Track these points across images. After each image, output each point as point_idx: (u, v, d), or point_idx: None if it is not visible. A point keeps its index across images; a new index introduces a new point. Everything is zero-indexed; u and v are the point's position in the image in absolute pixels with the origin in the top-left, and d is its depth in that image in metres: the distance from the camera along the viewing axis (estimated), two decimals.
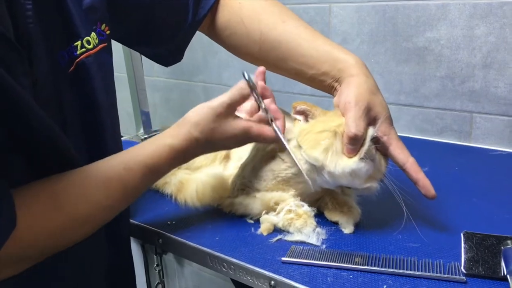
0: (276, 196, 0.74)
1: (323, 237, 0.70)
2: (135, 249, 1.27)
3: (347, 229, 0.71)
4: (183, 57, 0.88)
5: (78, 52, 0.64)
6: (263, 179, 0.75)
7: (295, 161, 0.69)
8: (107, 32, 0.69)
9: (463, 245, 0.61)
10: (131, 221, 0.79)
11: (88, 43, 0.65)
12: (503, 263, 0.58)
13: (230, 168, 0.86)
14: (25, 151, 0.55)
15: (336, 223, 0.73)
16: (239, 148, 0.79)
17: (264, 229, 0.72)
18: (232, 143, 0.69)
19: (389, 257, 0.63)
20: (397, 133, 0.70)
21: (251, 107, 0.70)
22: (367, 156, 0.65)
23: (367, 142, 0.65)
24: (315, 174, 0.69)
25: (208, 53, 1.61)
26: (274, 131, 0.68)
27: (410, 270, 0.60)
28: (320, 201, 0.77)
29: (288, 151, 0.69)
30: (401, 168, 0.68)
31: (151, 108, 1.62)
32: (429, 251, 0.65)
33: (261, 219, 0.73)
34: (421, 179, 0.67)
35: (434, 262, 0.62)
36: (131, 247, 0.81)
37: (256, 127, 0.67)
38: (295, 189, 0.74)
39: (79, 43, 0.64)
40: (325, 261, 0.63)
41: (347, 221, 0.72)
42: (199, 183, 0.80)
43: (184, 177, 0.84)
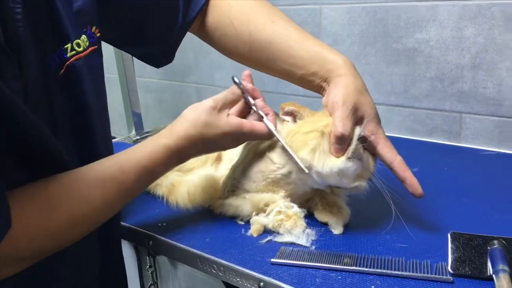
0: (266, 197, 0.74)
1: (313, 238, 0.70)
2: (128, 251, 1.27)
3: (337, 229, 0.72)
4: (173, 58, 0.88)
5: (68, 54, 0.64)
6: (253, 180, 0.75)
7: (288, 153, 0.69)
8: (98, 34, 0.69)
9: (450, 245, 0.62)
10: (122, 223, 0.79)
11: (78, 45, 0.65)
12: (489, 263, 0.59)
13: (221, 169, 0.86)
14: (15, 154, 0.55)
15: (325, 224, 0.74)
16: (230, 149, 0.80)
17: (254, 230, 0.72)
18: (226, 141, 0.69)
19: (377, 257, 0.64)
20: (386, 133, 0.70)
21: (240, 108, 0.70)
22: (354, 155, 0.66)
23: (354, 141, 0.65)
24: (306, 173, 0.70)
25: (199, 54, 1.61)
26: (266, 126, 0.69)
27: (398, 270, 0.61)
28: (310, 202, 0.77)
29: (280, 148, 0.70)
30: (388, 167, 0.69)
31: (144, 109, 1.62)
32: (417, 251, 0.66)
33: (251, 220, 0.74)
34: (408, 178, 0.67)
35: (421, 262, 0.63)
36: (122, 249, 0.82)
37: (248, 123, 0.68)
38: (285, 190, 0.74)
39: (69, 46, 0.64)
40: (314, 262, 0.64)
41: (336, 222, 0.72)
42: (191, 184, 0.80)
43: (175, 179, 0.84)
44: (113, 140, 1.28)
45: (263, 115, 0.70)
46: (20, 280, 0.57)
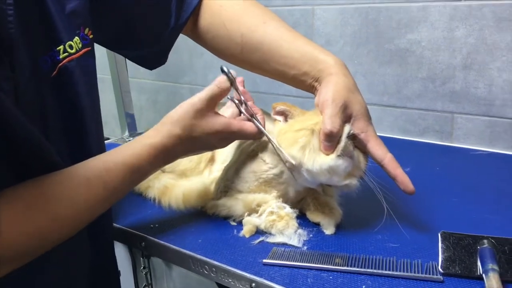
0: (258, 197, 0.74)
1: (305, 239, 0.70)
2: (122, 252, 1.27)
3: (328, 230, 0.72)
4: (166, 60, 0.88)
5: (60, 56, 0.64)
6: (246, 180, 0.75)
7: (277, 152, 0.69)
8: (90, 36, 0.69)
9: (440, 245, 0.62)
10: (115, 224, 0.79)
11: (70, 47, 0.65)
12: (479, 263, 0.59)
13: (215, 171, 0.86)
14: (6, 156, 0.55)
15: (317, 224, 0.74)
16: (223, 150, 0.80)
17: (246, 231, 0.73)
18: (214, 140, 0.69)
19: (368, 257, 0.64)
20: (378, 134, 0.70)
21: (231, 114, 0.70)
22: (344, 153, 0.66)
23: (343, 139, 0.66)
24: (297, 172, 0.70)
25: (193, 55, 1.61)
26: (255, 126, 0.69)
27: (389, 270, 0.61)
28: (302, 203, 0.78)
29: (271, 146, 0.70)
30: (379, 164, 0.69)
31: (137, 110, 1.62)
32: (408, 251, 0.66)
33: (244, 221, 0.74)
34: (399, 175, 0.67)
35: (412, 262, 0.63)
36: (114, 248, 0.82)
37: (236, 122, 0.68)
38: (277, 190, 0.75)
39: (61, 47, 0.64)
40: (306, 263, 0.64)
41: (328, 222, 0.73)
42: (186, 188, 0.80)
43: (168, 182, 0.84)
44: (106, 141, 1.28)
45: (252, 113, 0.70)
46: (4, 279, 0.55)
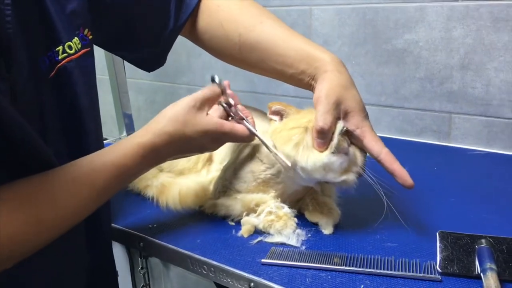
0: (256, 197, 0.74)
1: (303, 238, 0.70)
2: (120, 252, 1.27)
3: (327, 230, 0.72)
4: (165, 62, 0.88)
5: (59, 57, 0.64)
6: (244, 180, 0.75)
7: (271, 153, 0.69)
8: (90, 37, 0.69)
9: (438, 245, 0.63)
10: (113, 225, 0.79)
11: (69, 48, 0.65)
12: (477, 262, 0.60)
13: (213, 170, 0.87)
14: (1, 156, 0.55)
15: (316, 224, 0.74)
16: (221, 150, 0.80)
17: (245, 231, 0.73)
18: (205, 140, 0.68)
19: (367, 257, 0.64)
20: (373, 128, 0.70)
21: (219, 114, 0.70)
22: (338, 149, 0.66)
23: (336, 136, 0.65)
24: (292, 171, 0.70)
25: (191, 55, 1.61)
26: (246, 127, 0.69)
27: (387, 269, 0.62)
28: (301, 202, 0.78)
29: (263, 144, 0.70)
30: (376, 160, 0.68)
31: (135, 110, 1.62)
32: (406, 250, 0.67)
33: (242, 221, 0.74)
34: (397, 169, 0.66)
35: (410, 261, 0.63)
36: (112, 248, 0.81)
37: (228, 123, 0.68)
38: (275, 189, 0.75)
39: (60, 48, 0.64)
40: (304, 262, 0.64)
41: (326, 222, 0.73)
42: (183, 186, 0.80)
43: (166, 180, 0.85)
44: (104, 141, 1.27)
45: (243, 117, 0.69)
46: (2, 276, 0.55)
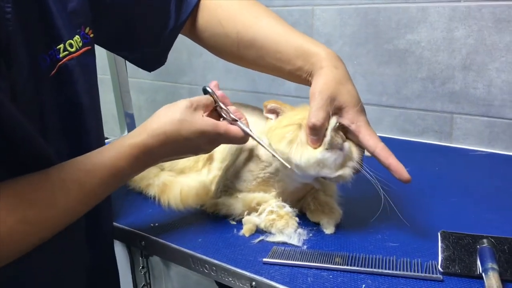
0: (258, 197, 0.74)
1: (304, 238, 0.71)
2: (121, 251, 1.27)
3: (328, 229, 0.72)
4: (166, 61, 0.88)
5: (60, 55, 0.64)
6: (244, 180, 0.76)
7: (267, 151, 0.69)
8: (91, 35, 0.69)
9: (440, 244, 0.63)
10: (115, 224, 0.79)
11: (70, 46, 0.65)
12: (478, 262, 0.60)
13: (213, 169, 0.86)
14: (1, 157, 0.55)
15: (317, 224, 0.74)
16: (221, 149, 0.80)
17: (246, 230, 0.73)
18: (200, 141, 0.67)
19: (368, 256, 0.65)
20: (377, 134, 0.70)
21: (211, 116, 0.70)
22: (332, 145, 0.65)
23: (329, 132, 0.65)
24: (288, 169, 0.70)
25: (192, 54, 1.61)
26: (240, 129, 0.68)
27: (388, 269, 0.62)
28: (302, 202, 0.78)
29: (258, 143, 0.70)
30: (372, 154, 0.67)
31: (136, 110, 1.62)
32: (407, 250, 0.67)
33: (244, 220, 0.74)
34: (393, 164, 0.65)
35: (412, 261, 0.63)
36: (113, 247, 0.81)
37: (223, 125, 0.68)
38: (275, 188, 0.75)
39: (61, 46, 0.64)
40: (306, 262, 0.64)
41: (328, 222, 0.73)
42: (184, 185, 0.80)
43: (168, 179, 0.85)
44: (106, 140, 1.27)
45: (236, 119, 0.69)
46: (1, 275, 0.55)
